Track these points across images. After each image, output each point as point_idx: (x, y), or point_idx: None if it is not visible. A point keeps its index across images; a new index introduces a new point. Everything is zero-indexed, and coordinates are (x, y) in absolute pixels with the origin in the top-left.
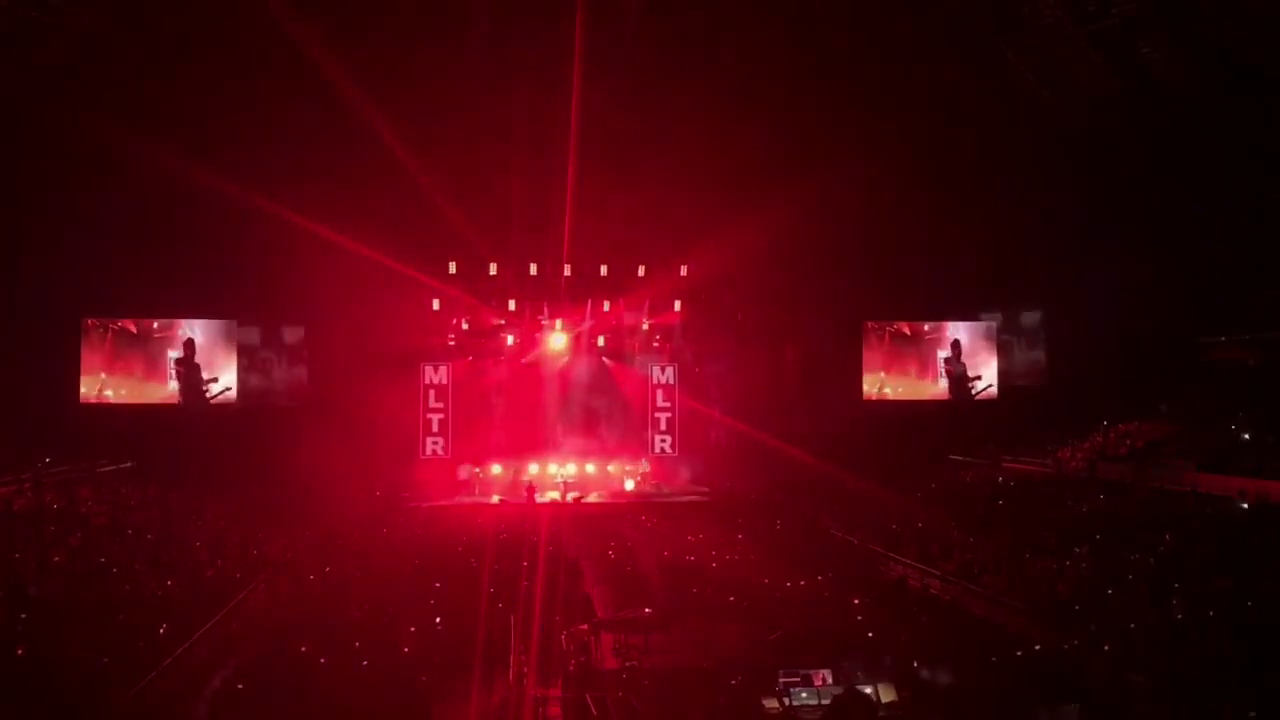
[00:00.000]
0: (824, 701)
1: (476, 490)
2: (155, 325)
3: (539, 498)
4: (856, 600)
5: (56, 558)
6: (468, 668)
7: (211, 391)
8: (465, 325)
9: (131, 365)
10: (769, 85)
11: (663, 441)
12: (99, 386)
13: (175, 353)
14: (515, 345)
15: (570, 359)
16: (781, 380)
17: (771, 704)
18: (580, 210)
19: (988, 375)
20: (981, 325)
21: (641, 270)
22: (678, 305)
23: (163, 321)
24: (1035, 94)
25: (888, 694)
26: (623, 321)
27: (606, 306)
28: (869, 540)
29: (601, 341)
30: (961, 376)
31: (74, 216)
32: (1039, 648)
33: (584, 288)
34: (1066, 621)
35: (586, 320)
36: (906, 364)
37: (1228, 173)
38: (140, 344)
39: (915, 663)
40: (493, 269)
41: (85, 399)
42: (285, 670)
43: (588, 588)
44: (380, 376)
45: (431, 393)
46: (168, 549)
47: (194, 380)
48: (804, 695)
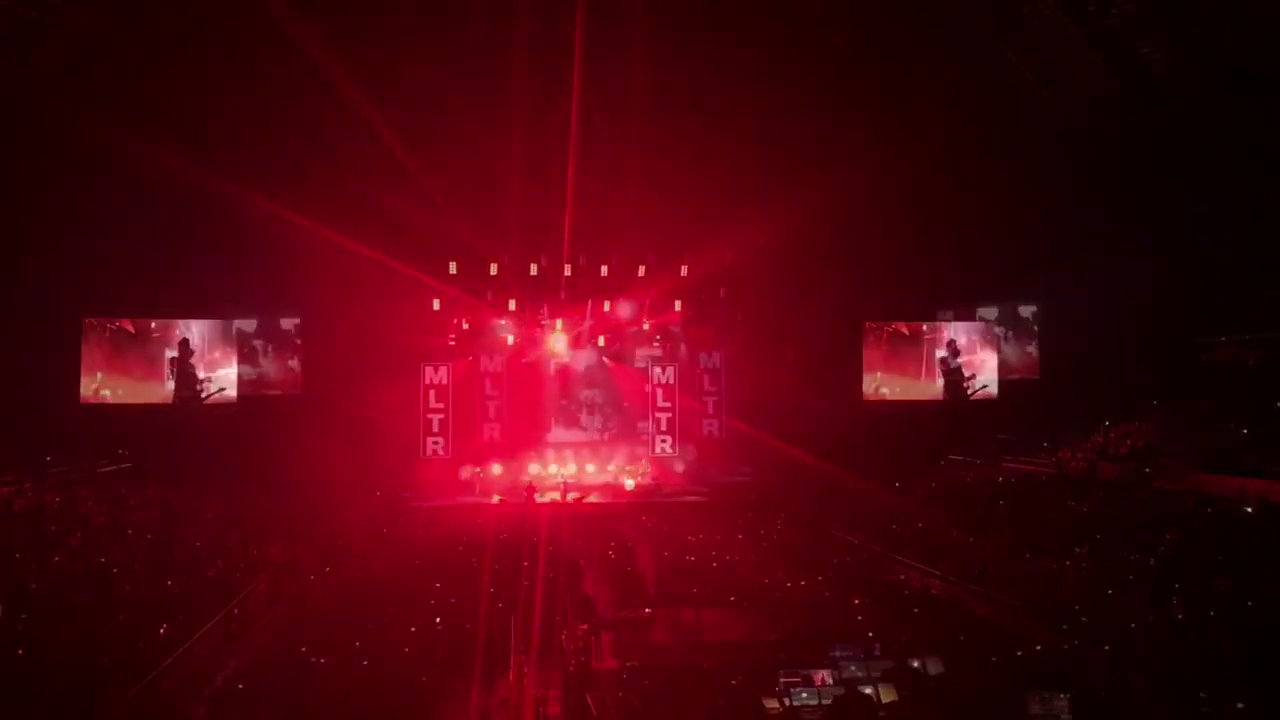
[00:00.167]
0: (824, 701)
1: (477, 490)
2: (153, 325)
3: (539, 498)
4: (857, 600)
5: (56, 558)
6: (468, 668)
7: (206, 391)
8: (465, 325)
9: (129, 365)
10: (769, 85)
11: (663, 441)
12: (95, 386)
13: (172, 352)
14: (515, 345)
15: (570, 359)
16: (782, 380)
17: (772, 704)
18: (581, 210)
19: (985, 375)
20: (980, 325)
21: (642, 270)
22: (678, 305)
23: (160, 321)
24: (1035, 94)
25: (888, 694)
26: (623, 321)
27: (607, 306)
28: (869, 540)
29: (601, 341)
30: (957, 377)
31: (74, 216)
32: (1039, 647)
33: (584, 288)
34: (1066, 621)
35: (587, 320)
36: (904, 364)
37: (1228, 173)
38: (138, 343)
39: (914, 662)
40: (493, 269)
41: (83, 399)
42: (285, 670)
43: (588, 588)
44: (380, 376)
45: (432, 393)
46: (168, 549)
47: (188, 380)
48: (804, 695)
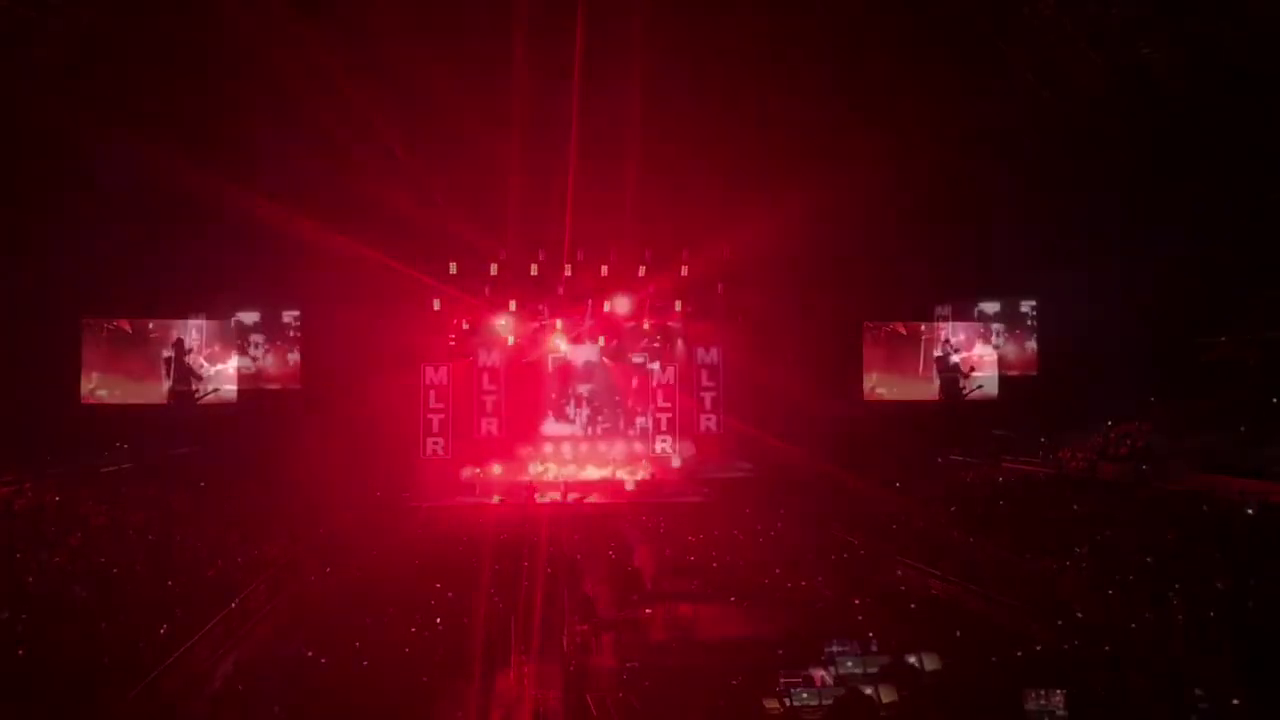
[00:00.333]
0: (824, 702)
1: (477, 490)
2: (151, 325)
3: (539, 498)
4: (856, 600)
5: (56, 558)
6: (468, 668)
7: (201, 392)
8: (465, 325)
9: (127, 365)
10: (769, 85)
11: (663, 442)
12: (91, 386)
13: (169, 352)
14: (515, 345)
15: (570, 359)
16: (781, 379)
17: (772, 704)
18: (580, 209)
19: (984, 375)
20: (979, 325)
21: (642, 270)
22: (678, 305)
23: (158, 321)
24: (1035, 94)
25: (888, 694)
26: (623, 321)
27: (607, 306)
28: (869, 540)
29: (602, 341)
30: (954, 375)
31: (74, 216)
32: (1039, 647)
33: (584, 287)
34: (1066, 621)
35: (587, 320)
36: (902, 364)
37: (1228, 173)
38: (136, 343)
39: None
40: (493, 269)
41: (82, 399)
42: (285, 670)
43: (588, 588)
44: (380, 376)
45: (432, 393)
46: (168, 549)
47: (184, 379)
48: (804, 695)
